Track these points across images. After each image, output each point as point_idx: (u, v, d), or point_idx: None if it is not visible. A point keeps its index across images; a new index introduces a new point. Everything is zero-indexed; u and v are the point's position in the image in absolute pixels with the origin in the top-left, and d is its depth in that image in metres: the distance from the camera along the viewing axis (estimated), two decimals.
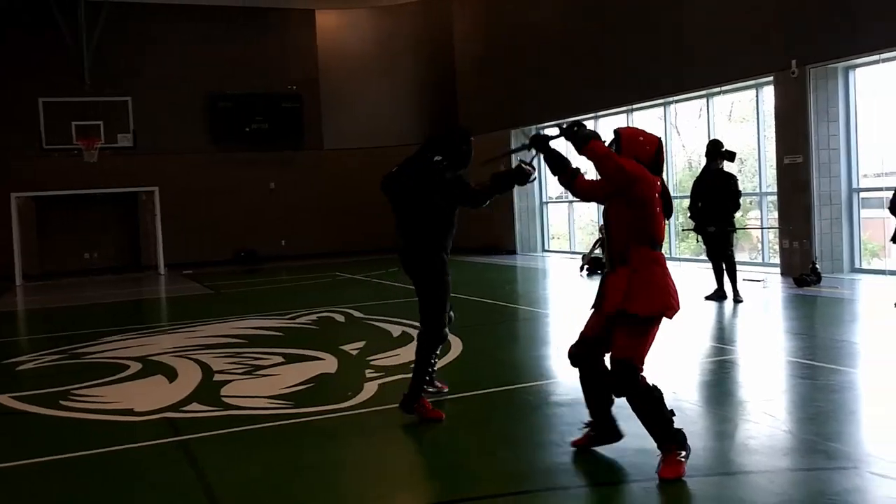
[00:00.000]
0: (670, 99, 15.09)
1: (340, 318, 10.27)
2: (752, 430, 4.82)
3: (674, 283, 4.12)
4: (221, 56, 22.20)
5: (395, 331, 8.95)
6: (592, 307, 4.35)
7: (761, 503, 3.77)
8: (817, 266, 11.14)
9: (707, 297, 9.97)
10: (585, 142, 4.15)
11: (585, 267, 14.28)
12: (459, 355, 7.50)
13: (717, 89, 13.99)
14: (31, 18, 19.62)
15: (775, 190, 12.71)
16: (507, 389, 6.22)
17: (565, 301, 11.73)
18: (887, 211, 9.10)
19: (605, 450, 4.51)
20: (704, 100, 14.59)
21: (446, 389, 6.04)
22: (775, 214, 13.13)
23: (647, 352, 4.10)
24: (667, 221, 4.25)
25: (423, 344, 5.46)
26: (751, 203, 14.29)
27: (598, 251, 14.38)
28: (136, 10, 21.07)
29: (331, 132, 23.43)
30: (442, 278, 5.44)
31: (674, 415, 4.10)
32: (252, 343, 8.67)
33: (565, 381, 6.39)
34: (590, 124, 17.67)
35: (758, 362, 6.76)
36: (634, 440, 4.66)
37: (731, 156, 9.86)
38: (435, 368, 5.91)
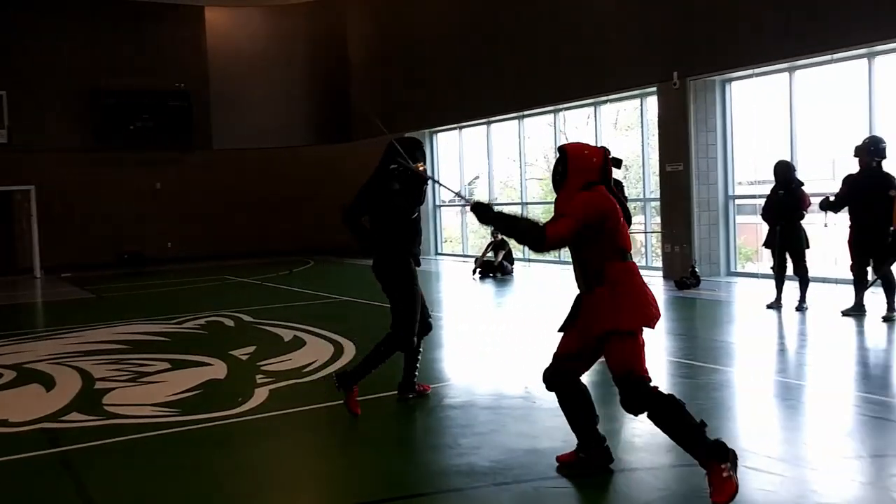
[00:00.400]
0: (560, 106, 15.47)
1: (230, 323, 10.03)
2: (637, 428, 4.98)
3: (650, 291, 4.08)
4: (106, 51, 21.32)
5: (287, 335, 8.82)
6: (561, 329, 4.27)
7: (645, 499, 3.92)
8: (696, 269, 11.66)
9: None
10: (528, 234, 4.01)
11: (478, 270, 14.46)
12: (352, 359, 7.45)
13: (604, 98, 14.45)
14: None
15: (658, 196, 13.23)
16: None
17: (458, 304, 11.85)
18: (760, 217, 9.63)
19: (497, 451, 4.58)
20: (592, 108, 15.03)
21: (429, 390, 6.02)
22: (658, 220, 13.66)
23: (644, 360, 4.03)
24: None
25: (387, 344, 5.60)
26: (634, 209, 14.80)
27: (490, 254, 14.62)
28: (18, 1, 19.99)
29: (221, 132, 22.85)
30: (411, 286, 5.56)
31: (705, 426, 3.88)
32: (136, 349, 8.36)
33: (458, 384, 6.47)
34: (481, 129, 17.97)
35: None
36: (524, 440, 4.76)
37: (617, 163, 10.16)
38: (417, 373, 5.92)
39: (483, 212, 4.10)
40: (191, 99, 22.25)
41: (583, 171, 4.13)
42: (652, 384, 3.97)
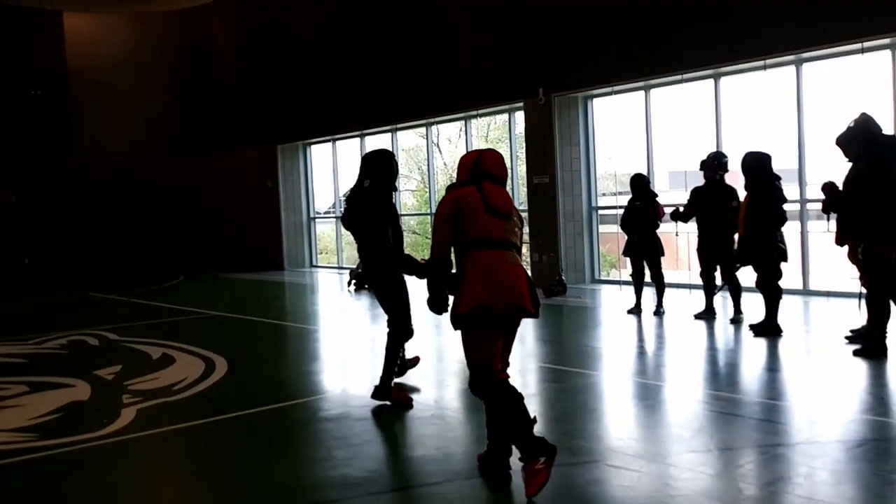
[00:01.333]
0: (432, 120, 15.72)
1: (94, 342, 9.64)
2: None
3: (503, 280, 4.15)
4: None
5: (155, 353, 8.57)
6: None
7: (517, 500, 4.08)
8: (563, 277, 12.13)
9: None
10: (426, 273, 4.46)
11: (353, 282, 14.47)
12: (224, 375, 7.34)
13: (474, 112, 14.80)
14: None
15: (527, 207, 13.66)
16: (274, 408, 6.19)
17: (333, 317, 11.83)
18: (619, 227, 10.15)
19: (372, 461, 4.65)
20: (463, 122, 15.36)
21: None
22: (527, 230, 14.10)
23: (486, 350, 4.23)
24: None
25: (393, 340, 6.10)
26: None
27: None
28: None
29: (82, 141, 21.85)
30: (401, 285, 6.13)
31: (535, 422, 4.16)
32: None
33: (333, 396, 6.50)
34: (353, 143, 18.00)
35: (511, 369, 7.22)
36: (398, 449, 4.85)
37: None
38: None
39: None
40: (48, 107, 21.17)
41: (460, 172, 4.55)
42: (501, 373, 4.25)
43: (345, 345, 9.14)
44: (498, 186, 4.42)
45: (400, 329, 6.09)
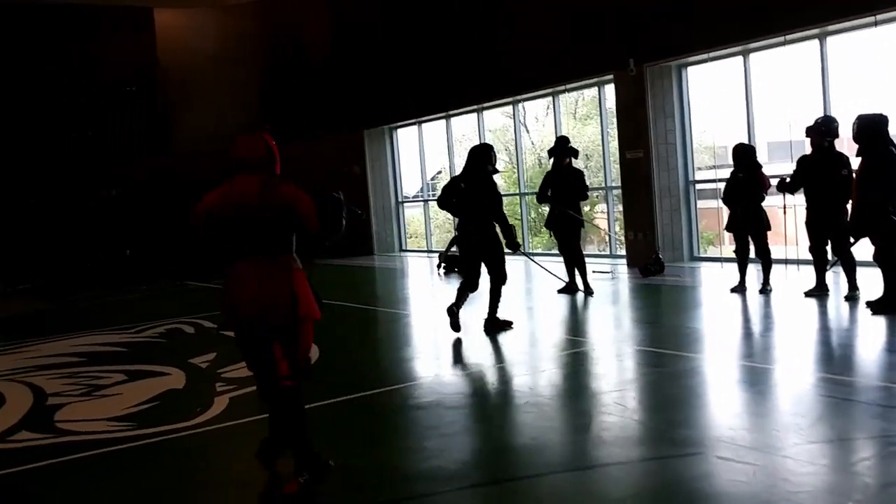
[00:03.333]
0: (518, 98, 15.38)
1: (190, 330, 9.79)
2: (606, 421, 4.91)
3: (236, 290, 4.03)
4: (52, 57, 20.79)
5: None
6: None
7: (616, 496, 3.82)
8: (660, 256, 11.65)
9: (559, 291, 10.20)
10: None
11: (442, 265, 14.33)
12: (316, 362, 7.27)
13: (562, 88, 14.37)
14: None
15: (619, 183, 13.20)
16: (366, 395, 6.08)
17: (424, 301, 11.71)
18: (721, 201, 9.63)
19: (464, 453, 4.46)
20: (551, 98, 14.96)
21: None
22: (619, 207, 13.66)
23: (248, 356, 4.24)
24: None
25: (496, 288, 7.99)
26: (598, 197, 14.81)
27: (454, 249, 14.49)
28: None
29: (176, 135, 22.45)
30: (502, 248, 8.01)
31: None
32: (92, 361, 8.10)
33: (425, 383, 6.33)
34: (440, 124, 17.82)
35: (609, 353, 6.94)
36: (491, 440, 4.64)
37: (576, 153, 10.16)
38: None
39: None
40: (143, 103, 21.81)
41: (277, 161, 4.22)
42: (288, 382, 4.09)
43: (436, 330, 8.98)
44: (248, 176, 4.10)
45: (504, 279, 7.95)
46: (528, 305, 9.53)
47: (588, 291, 10.02)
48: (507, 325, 8.02)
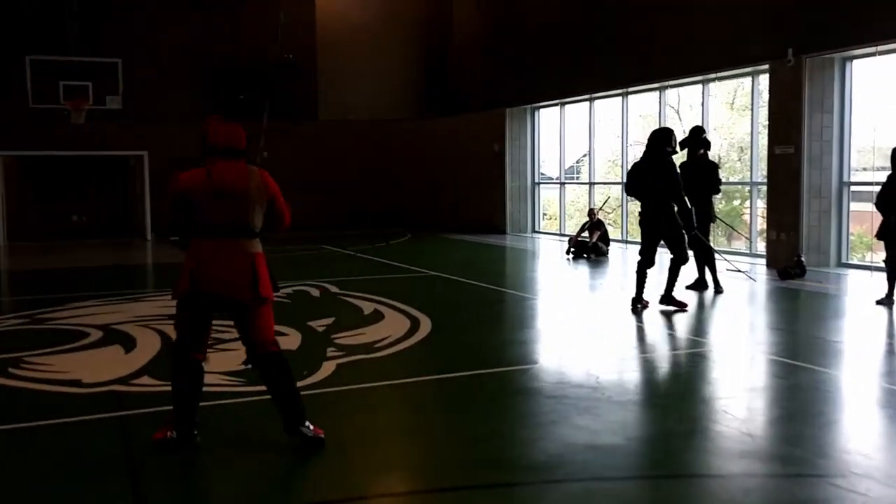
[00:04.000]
0: (666, 83, 14.79)
1: (315, 293, 10.07)
2: (711, 430, 4.64)
3: (211, 267, 4.28)
4: (216, 23, 21.86)
5: (367, 308, 8.77)
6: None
7: None
8: (803, 259, 10.94)
9: (688, 287, 9.78)
10: None
11: (571, 250, 14.07)
12: (426, 337, 7.32)
13: (713, 75, 13.70)
14: None
15: (766, 179, 12.48)
16: (466, 375, 6.04)
17: (548, 285, 11.54)
18: (874, 206, 8.89)
19: (555, 445, 4.33)
20: (701, 86, 14.30)
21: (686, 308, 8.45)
22: (761, 203, 12.93)
23: (183, 331, 4.51)
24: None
25: (675, 266, 8.46)
26: (749, 191, 14.04)
27: (584, 234, 14.20)
28: None
29: (327, 104, 23.13)
30: (679, 224, 8.40)
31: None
32: (220, 315, 8.46)
33: (526, 369, 6.21)
34: (581, 107, 17.45)
35: (729, 357, 6.58)
36: (585, 434, 4.48)
37: (709, 144, 9.66)
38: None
39: None
40: (299, 70, 22.57)
41: (202, 146, 4.39)
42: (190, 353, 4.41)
43: (554, 315, 8.83)
44: (230, 161, 4.26)
45: (684, 256, 8.41)
46: (654, 298, 9.18)
47: (717, 289, 9.56)
48: (681, 305, 8.44)
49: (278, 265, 13.65)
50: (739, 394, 5.47)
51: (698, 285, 9.78)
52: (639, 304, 8.46)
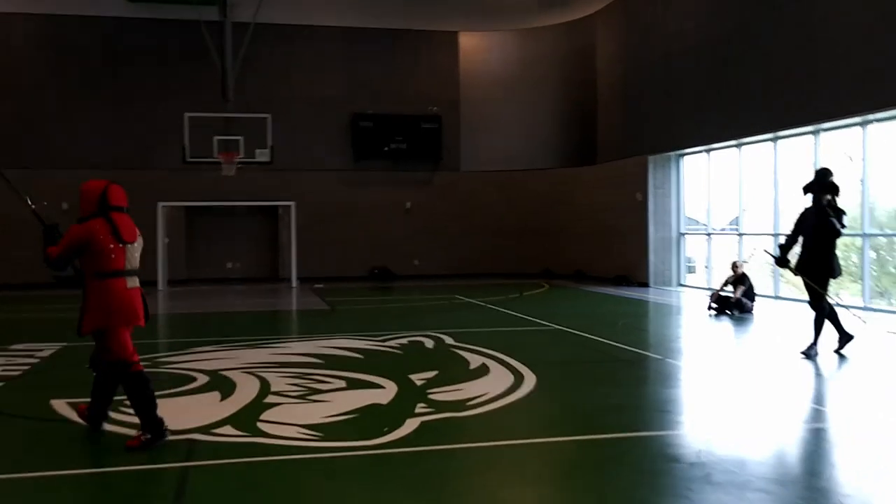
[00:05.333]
0: (821, 126, 13.67)
1: (429, 344, 9.84)
2: None
3: (126, 301, 5.32)
4: (364, 76, 22.62)
5: (475, 362, 8.42)
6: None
7: None
8: None
9: (835, 351, 8.81)
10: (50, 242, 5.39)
11: (713, 306, 13.12)
12: (526, 395, 6.87)
13: (881, 115, 12.49)
14: (181, 39, 20.81)
15: None
16: (566, 441, 5.55)
17: (678, 343, 10.73)
18: None
19: None
20: (861, 128, 13.09)
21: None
22: None
23: (125, 349, 5.35)
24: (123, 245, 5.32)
25: (819, 314, 8.61)
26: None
27: (728, 289, 13.22)
28: (281, 31, 21.83)
29: (468, 154, 23.29)
30: (827, 279, 8.61)
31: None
32: (326, 364, 8.40)
33: (664, 434, 5.62)
34: (731, 153, 16.48)
35: (856, 433, 5.70)
36: None
37: (837, 189, 8.60)
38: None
39: (50, 234, 5.39)
40: (442, 122, 22.91)
41: (85, 203, 5.35)
42: (133, 364, 5.35)
43: (675, 377, 8.10)
44: (124, 215, 5.40)
45: (824, 306, 8.60)
46: (793, 355, 8.27)
47: (837, 349, 8.76)
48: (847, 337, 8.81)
49: (405, 314, 13.71)
50: (863, 480, 4.66)
51: (844, 339, 8.84)
52: (812, 352, 8.57)
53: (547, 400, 6.86)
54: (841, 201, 8.73)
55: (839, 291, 12.39)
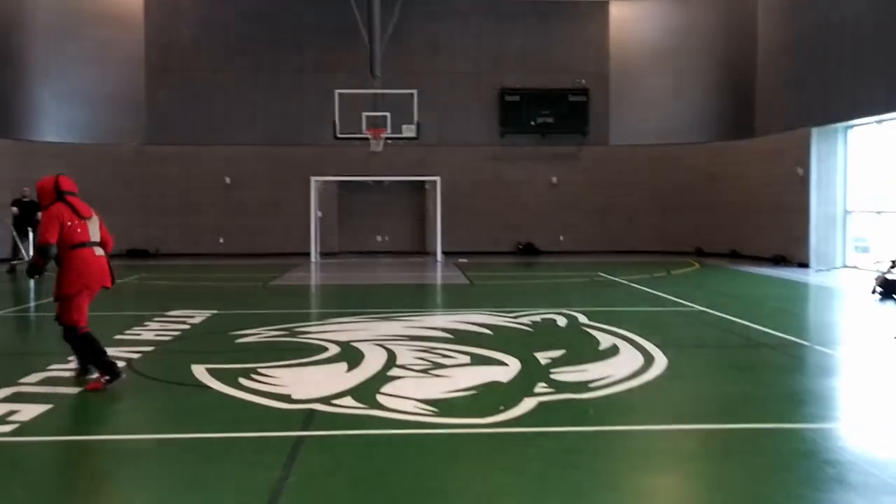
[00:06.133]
0: None
1: (562, 322, 9.66)
2: None
3: (95, 266, 6.36)
4: (510, 50, 22.44)
5: (606, 342, 8.19)
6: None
7: None
8: None
9: None
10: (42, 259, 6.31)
11: (878, 289, 12.13)
12: (655, 379, 6.59)
13: None
14: (331, 18, 21.40)
15: None
16: (693, 429, 5.29)
17: (831, 328, 9.98)
18: None
19: None
20: None
21: None
22: None
23: (81, 314, 6.29)
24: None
25: None
26: None
27: (895, 272, 12.17)
28: (427, 6, 21.97)
29: (617, 127, 22.67)
30: None
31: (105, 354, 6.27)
32: (455, 339, 8.42)
33: (775, 428, 5.27)
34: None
35: None
36: None
37: None
38: None
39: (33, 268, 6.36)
40: (590, 94, 22.39)
41: (43, 195, 6.41)
42: (81, 327, 6.29)
43: (824, 365, 7.52)
44: (76, 198, 6.45)
45: None
46: None
47: None
48: None
49: (543, 291, 13.54)
50: None
51: None
52: None
53: (675, 385, 6.55)
54: None
55: None
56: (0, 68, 20.13)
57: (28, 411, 5.50)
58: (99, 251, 6.42)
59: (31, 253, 15.67)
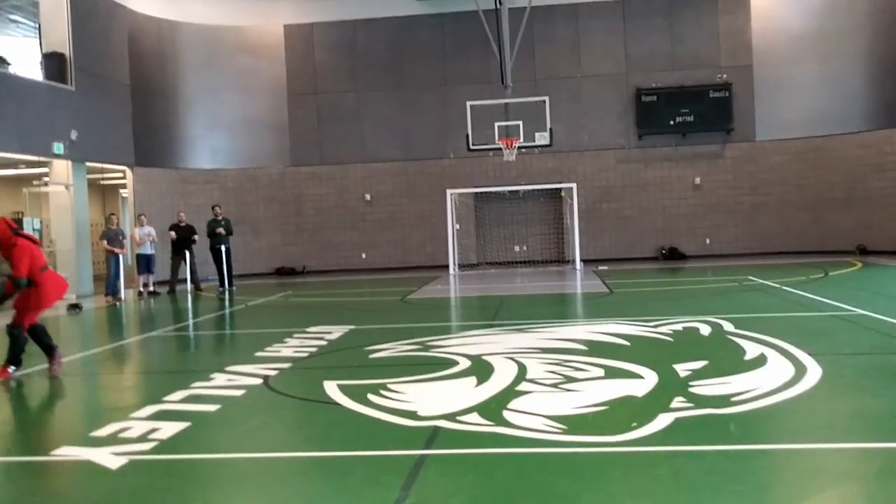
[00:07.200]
0: None
1: (705, 331, 9.14)
2: None
3: (58, 284, 8.14)
4: (644, 49, 21.81)
5: (753, 351, 7.65)
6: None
7: None
8: None
9: None
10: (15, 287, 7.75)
11: None
12: (808, 391, 6.06)
13: None
14: (460, 30, 21.51)
15: None
16: (854, 448, 4.81)
17: None
18: None
19: None
20: None
21: None
22: None
23: (29, 322, 7.85)
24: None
25: None
26: None
27: None
28: (554, 11, 21.67)
29: (763, 122, 21.52)
30: None
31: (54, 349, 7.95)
32: (589, 351, 8.12)
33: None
34: None
35: None
36: None
37: None
38: None
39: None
40: (732, 89, 21.39)
41: (3, 237, 7.64)
42: (24, 329, 7.82)
43: None
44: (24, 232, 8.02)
45: None
46: None
47: None
48: None
49: (686, 297, 12.92)
50: None
51: None
52: None
53: (829, 398, 6.00)
54: None
55: None
56: (157, 100, 21.52)
57: (168, 429, 5.70)
58: (55, 271, 8.26)
59: (189, 274, 16.57)
